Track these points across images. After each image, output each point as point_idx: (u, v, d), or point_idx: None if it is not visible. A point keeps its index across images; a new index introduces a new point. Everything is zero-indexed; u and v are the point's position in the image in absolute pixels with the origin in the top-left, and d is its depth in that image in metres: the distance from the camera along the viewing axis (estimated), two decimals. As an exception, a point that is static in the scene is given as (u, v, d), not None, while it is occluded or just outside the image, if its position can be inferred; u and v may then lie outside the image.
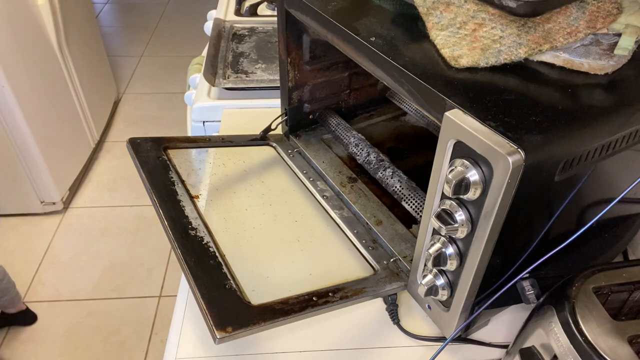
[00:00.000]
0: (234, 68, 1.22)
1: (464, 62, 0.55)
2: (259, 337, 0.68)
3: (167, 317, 1.78)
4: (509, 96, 0.51)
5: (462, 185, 0.49)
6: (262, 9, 1.58)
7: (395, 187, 0.78)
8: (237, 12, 1.53)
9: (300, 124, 0.94)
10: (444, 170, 0.53)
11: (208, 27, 1.51)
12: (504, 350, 0.66)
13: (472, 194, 0.49)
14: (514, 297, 0.57)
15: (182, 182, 0.75)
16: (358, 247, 0.75)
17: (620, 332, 0.47)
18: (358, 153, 0.85)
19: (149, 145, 0.80)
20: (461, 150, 0.49)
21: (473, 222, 0.51)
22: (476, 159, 0.48)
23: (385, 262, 0.71)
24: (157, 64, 3.20)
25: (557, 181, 0.50)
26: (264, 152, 0.93)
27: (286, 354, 0.66)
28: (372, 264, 0.72)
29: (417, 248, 0.63)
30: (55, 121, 2.03)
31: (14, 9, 1.75)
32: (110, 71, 2.69)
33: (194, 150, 0.88)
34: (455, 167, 0.49)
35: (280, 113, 0.92)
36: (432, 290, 0.60)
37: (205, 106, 1.12)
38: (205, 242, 0.65)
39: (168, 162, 0.78)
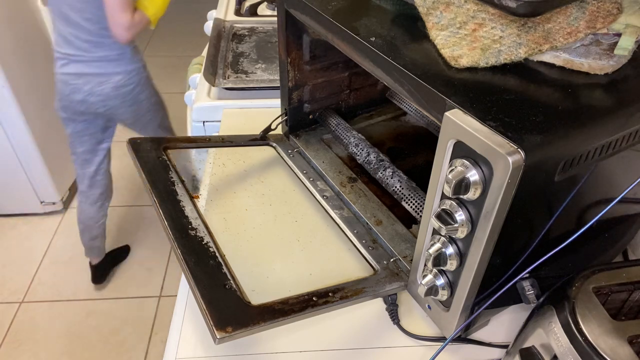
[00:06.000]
0: (234, 68, 1.22)
1: (464, 62, 0.55)
2: (259, 337, 0.68)
3: (167, 317, 1.78)
4: (509, 96, 0.51)
5: (462, 185, 0.49)
6: (262, 9, 1.58)
7: (395, 187, 0.78)
8: (237, 12, 1.54)
9: (300, 124, 0.94)
10: (444, 170, 0.53)
11: (208, 27, 1.51)
12: (504, 350, 0.66)
13: (472, 194, 0.49)
14: (514, 297, 0.57)
15: (182, 182, 0.75)
16: (358, 247, 0.75)
17: (620, 332, 0.47)
18: (358, 153, 0.85)
19: (149, 146, 0.80)
20: (461, 150, 0.49)
21: (473, 222, 0.51)
22: (476, 159, 0.48)
23: (385, 262, 0.71)
24: (157, 64, 3.19)
25: (557, 181, 0.50)
26: (264, 152, 0.93)
27: (286, 354, 0.66)
28: (372, 264, 0.72)
29: (417, 248, 0.63)
30: (55, 121, 2.02)
31: (14, 10, 1.75)
32: (110, 71, 2.68)
33: (194, 150, 0.88)
34: (455, 167, 0.49)
35: (280, 113, 0.92)
36: (432, 290, 0.60)
37: (205, 106, 1.12)
38: (205, 242, 0.65)
39: (168, 162, 0.78)
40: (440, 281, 0.59)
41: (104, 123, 1.58)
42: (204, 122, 1.13)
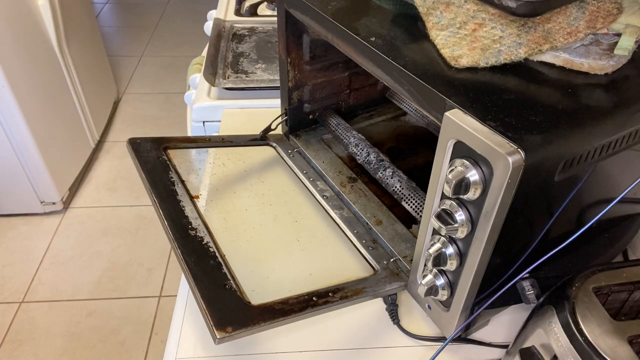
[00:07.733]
0: (234, 68, 1.22)
1: (464, 62, 0.55)
2: (259, 337, 0.68)
3: (167, 317, 1.78)
4: (509, 96, 0.51)
5: (462, 185, 0.49)
6: (262, 9, 1.58)
7: (395, 187, 0.78)
8: (237, 12, 1.53)
9: (300, 124, 0.94)
10: (444, 170, 0.53)
11: (208, 27, 1.51)
12: (504, 350, 0.66)
13: (472, 194, 0.49)
14: (514, 297, 0.57)
15: (182, 182, 0.75)
16: (358, 247, 0.75)
17: (620, 332, 0.47)
18: (358, 153, 0.85)
19: (149, 145, 0.80)
20: (461, 150, 0.49)
21: (473, 222, 0.51)
22: (476, 159, 0.48)
23: (385, 262, 0.71)
24: (157, 64, 3.20)
25: (557, 181, 0.50)
26: (264, 152, 0.93)
27: (286, 354, 0.66)
28: (372, 264, 0.72)
29: (417, 248, 0.63)
30: (55, 121, 2.03)
31: (14, 9, 1.75)
32: (110, 71, 2.69)
33: (194, 150, 0.88)
34: (455, 167, 0.49)
35: (280, 113, 0.92)
36: (432, 290, 0.60)
37: (205, 106, 1.12)
38: (205, 242, 0.65)
39: (168, 162, 0.78)
40: (440, 281, 0.59)
41: None
42: (204, 122, 1.13)
